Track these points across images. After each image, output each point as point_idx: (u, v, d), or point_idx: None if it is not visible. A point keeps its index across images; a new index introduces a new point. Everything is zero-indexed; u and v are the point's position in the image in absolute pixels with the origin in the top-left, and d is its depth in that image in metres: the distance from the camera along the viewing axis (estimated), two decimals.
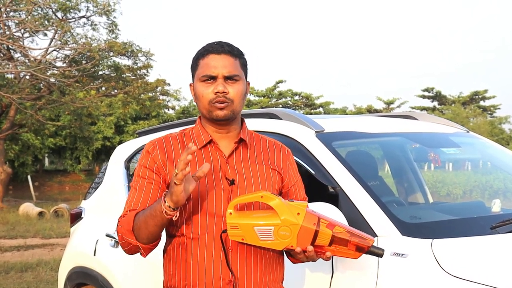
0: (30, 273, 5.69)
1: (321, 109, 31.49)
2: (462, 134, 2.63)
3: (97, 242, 2.76)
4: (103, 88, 16.17)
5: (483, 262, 1.57)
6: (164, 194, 1.38)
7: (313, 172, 1.94)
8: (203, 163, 1.48)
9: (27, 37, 13.58)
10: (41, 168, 26.02)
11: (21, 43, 13.10)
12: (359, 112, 30.79)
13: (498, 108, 32.45)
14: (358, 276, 1.69)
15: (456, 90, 48.82)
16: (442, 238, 1.67)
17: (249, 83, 1.57)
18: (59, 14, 13.58)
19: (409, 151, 2.86)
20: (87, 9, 13.77)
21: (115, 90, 16.07)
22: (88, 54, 13.12)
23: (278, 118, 2.25)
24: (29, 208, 11.58)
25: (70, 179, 24.42)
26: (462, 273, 1.50)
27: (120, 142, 20.66)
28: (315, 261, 1.43)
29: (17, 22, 12.85)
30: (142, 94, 17.20)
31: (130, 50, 14.49)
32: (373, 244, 1.38)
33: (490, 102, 32.42)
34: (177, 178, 1.29)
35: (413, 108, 32.49)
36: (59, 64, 13.66)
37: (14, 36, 13.02)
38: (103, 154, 24.24)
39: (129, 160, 2.99)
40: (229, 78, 1.47)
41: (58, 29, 12.93)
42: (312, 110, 31.04)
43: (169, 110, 26.77)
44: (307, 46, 69.56)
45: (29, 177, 18.51)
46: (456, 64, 62.93)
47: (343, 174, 1.88)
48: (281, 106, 30.16)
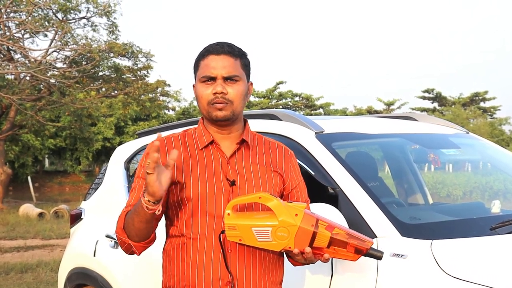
0: (30, 274, 5.69)
1: (321, 110, 31.51)
2: (462, 135, 2.64)
3: (97, 243, 2.76)
4: (103, 89, 16.18)
5: (483, 263, 1.57)
6: (143, 190, 1.37)
7: (312, 173, 1.94)
8: (204, 164, 1.49)
9: (27, 38, 13.60)
10: (41, 169, 26.02)
11: (21, 44, 13.11)
12: (359, 113, 30.81)
13: (498, 109, 32.49)
14: (357, 277, 1.69)
15: (456, 91, 48.83)
16: (442, 239, 1.67)
17: (251, 84, 1.56)
18: (60, 15, 13.60)
19: (409, 152, 2.86)
20: (88, 10, 13.80)
21: (115, 91, 16.07)
22: (88, 55, 13.12)
23: (278, 119, 2.25)
24: (29, 209, 11.58)
25: (70, 180, 24.43)
26: (461, 274, 1.50)
27: (120, 143, 20.67)
28: (314, 263, 1.43)
29: (17, 23, 12.86)
30: (142, 95, 17.21)
31: (130, 51, 14.50)
32: (372, 246, 1.37)
33: (490, 103, 32.47)
34: (148, 167, 1.28)
35: (413, 109, 32.51)
36: (59, 65, 13.67)
37: (15, 37, 13.03)
38: (103, 155, 24.25)
39: (129, 161, 2.99)
40: (228, 79, 1.46)
41: (59, 30, 12.94)
42: (312, 111, 31.05)
43: (169, 111, 26.78)
44: (307, 47, 69.64)
45: (29, 178, 18.52)
46: (456, 65, 63.04)
47: (343, 175, 1.88)
48: (281, 107, 30.18)
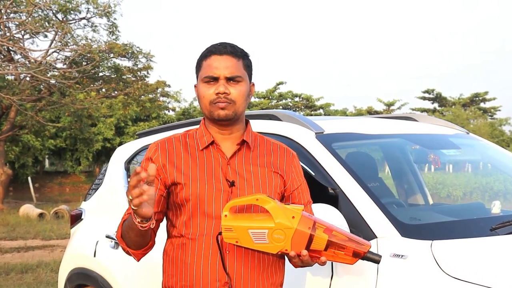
0: (30, 274, 5.69)
1: (321, 110, 31.51)
2: (462, 135, 2.64)
3: (97, 243, 2.76)
4: (104, 89, 16.18)
5: (483, 264, 1.57)
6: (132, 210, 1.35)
7: (313, 173, 1.94)
8: (204, 165, 1.49)
9: (28, 38, 13.60)
10: (41, 169, 26.02)
11: (21, 45, 13.12)
12: (359, 113, 30.81)
13: (499, 110, 32.47)
14: (357, 278, 1.69)
15: (456, 91, 48.80)
16: (442, 239, 1.67)
17: (253, 84, 1.57)
18: (60, 16, 13.61)
19: (409, 153, 2.87)
20: (88, 10, 13.80)
21: (116, 92, 16.08)
22: (88, 55, 13.13)
23: (278, 119, 2.25)
24: (29, 209, 11.58)
25: (70, 181, 24.43)
26: (461, 274, 1.50)
27: (120, 143, 20.67)
28: (311, 265, 1.42)
29: (17, 23, 12.87)
30: (143, 96, 17.20)
31: (130, 51, 14.51)
32: (369, 250, 1.37)
33: (490, 104, 32.46)
34: (133, 204, 1.27)
35: (413, 109, 32.51)
36: (60, 65, 13.67)
37: (15, 37, 13.04)
38: (103, 155, 24.25)
39: (129, 161, 2.99)
40: (231, 79, 1.47)
41: (59, 30, 12.94)
42: (312, 112, 31.06)
43: (169, 111, 26.78)
44: (307, 48, 69.64)
45: (29, 178, 18.51)
46: (456, 65, 62.95)
47: (343, 176, 1.88)
48: (281, 107, 30.18)
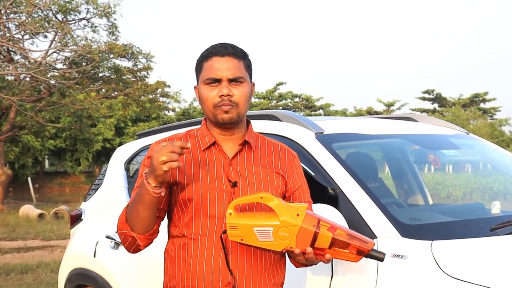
0: (30, 275, 5.69)
1: (321, 111, 31.52)
2: (462, 136, 2.64)
3: (97, 244, 2.76)
4: (103, 90, 16.19)
5: (483, 264, 1.57)
6: (145, 176, 1.36)
7: (313, 173, 1.94)
8: (206, 165, 1.49)
9: (27, 39, 13.60)
10: (41, 170, 26.01)
11: (21, 45, 13.12)
12: (359, 114, 30.81)
13: (499, 110, 32.47)
14: (357, 277, 1.69)
15: (456, 92, 48.81)
16: (442, 239, 1.67)
17: (254, 84, 1.57)
18: (59, 16, 13.61)
19: (409, 153, 2.87)
20: (87, 11, 13.81)
21: (115, 92, 16.08)
22: (88, 56, 13.12)
23: (278, 120, 2.26)
24: (29, 210, 11.57)
25: (70, 181, 24.42)
26: (461, 274, 1.50)
27: (120, 144, 20.67)
28: (316, 264, 1.43)
29: (17, 24, 12.87)
30: (142, 96, 17.20)
31: (130, 52, 14.51)
32: (373, 247, 1.37)
33: (490, 104, 32.46)
34: (164, 164, 1.28)
35: (413, 110, 32.51)
36: (59, 66, 13.68)
37: (14, 38, 13.04)
38: (103, 156, 24.24)
39: (129, 161, 2.99)
40: (233, 81, 1.46)
41: (58, 31, 12.94)
42: (312, 112, 31.06)
43: (169, 112, 26.79)
44: (307, 48, 69.64)
45: (29, 179, 18.51)
46: (456, 65, 62.93)
47: (343, 176, 1.88)
48: (281, 108, 30.19)
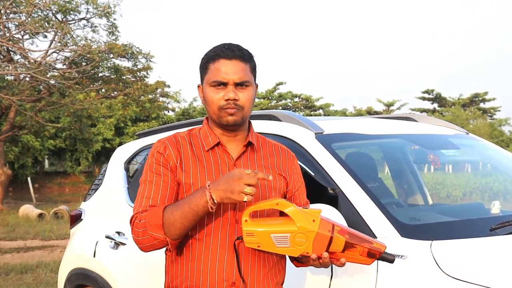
0: (30, 274, 5.69)
1: (321, 111, 31.52)
2: (462, 136, 2.64)
3: (96, 244, 2.76)
4: (103, 90, 16.19)
5: (482, 264, 1.58)
6: (208, 189, 1.34)
7: (312, 173, 1.94)
8: (211, 165, 1.49)
9: (27, 39, 13.60)
10: (41, 170, 26.00)
11: (21, 45, 13.12)
12: (359, 114, 30.81)
13: (498, 110, 32.48)
14: (357, 278, 1.69)
15: (456, 92, 48.76)
16: (442, 239, 1.67)
17: (257, 86, 1.57)
18: (59, 16, 13.61)
19: (408, 153, 2.87)
20: (87, 11, 13.80)
21: (115, 92, 16.08)
22: (88, 56, 13.12)
23: (278, 120, 2.26)
24: (29, 209, 11.57)
25: (70, 181, 24.41)
26: (461, 274, 1.51)
27: (120, 143, 20.66)
28: (328, 267, 1.44)
29: (17, 24, 12.87)
30: (142, 96, 17.21)
31: (130, 52, 14.51)
32: (385, 250, 1.40)
33: (490, 104, 32.46)
34: (248, 193, 1.28)
35: (413, 110, 32.51)
36: (59, 66, 13.68)
37: (14, 38, 13.04)
38: (103, 156, 24.24)
39: (129, 161, 2.99)
40: (239, 85, 1.46)
41: (58, 31, 12.94)
42: (312, 112, 31.06)
43: (169, 112, 26.78)
44: (307, 48, 69.62)
45: (29, 179, 18.49)
46: (456, 65, 62.92)
47: (343, 176, 1.88)
48: (281, 108, 30.18)
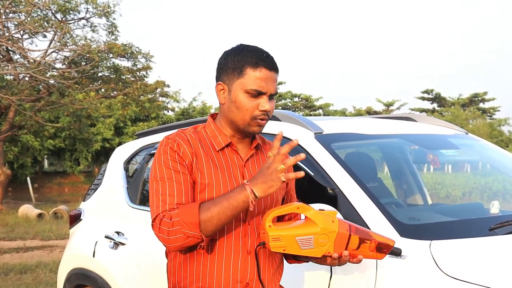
0: (29, 274, 5.68)
1: (320, 110, 31.53)
2: (461, 136, 2.64)
3: (96, 244, 2.76)
4: (103, 89, 16.18)
5: (482, 264, 1.58)
6: (247, 185, 1.34)
7: (312, 173, 1.94)
8: (223, 166, 1.48)
9: (27, 38, 13.58)
10: (40, 169, 25.99)
11: (20, 45, 13.10)
12: (359, 113, 30.82)
13: (498, 110, 32.51)
14: (356, 277, 1.70)
15: (455, 92, 48.81)
16: (441, 239, 1.67)
17: None
18: (59, 16, 13.60)
19: (408, 153, 2.87)
20: (87, 10, 13.79)
21: (115, 92, 16.08)
22: (87, 55, 13.11)
23: (277, 119, 2.26)
24: (28, 209, 11.56)
25: (69, 181, 24.40)
26: (460, 274, 1.51)
27: (119, 143, 20.65)
28: (344, 265, 1.46)
29: (16, 23, 12.86)
30: (142, 96, 17.19)
31: (129, 51, 14.50)
32: (394, 245, 1.45)
33: (489, 104, 32.49)
34: (282, 174, 1.30)
35: (412, 110, 32.53)
36: (59, 65, 13.67)
37: (14, 37, 13.02)
38: (103, 155, 24.22)
39: (128, 161, 2.99)
40: (271, 96, 1.48)
41: (58, 30, 12.93)
42: (311, 112, 31.07)
43: (168, 111, 26.76)
44: (307, 48, 69.62)
45: (28, 178, 18.48)
46: (456, 65, 62.94)
47: (342, 176, 1.88)
48: (280, 107, 30.19)
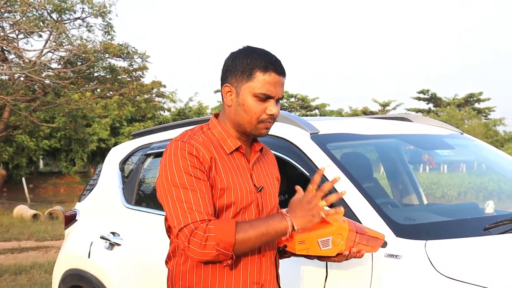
0: (24, 275, 5.66)
1: (316, 111, 31.56)
2: (456, 136, 2.65)
3: (91, 244, 2.75)
4: (99, 89, 16.12)
5: (477, 263, 1.58)
6: (285, 215, 1.38)
7: (307, 173, 1.94)
8: (235, 169, 1.48)
9: (22, 38, 13.52)
10: (35, 170, 25.88)
11: (15, 45, 13.05)
12: (355, 114, 30.88)
13: (493, 110, 32.62)
14: (352, 277, 1.70)
15: (451, 91, 48.99)
16: (436, 239, 1.68)
17: None
18: (54, 16, 13.54)
19: (403, 153, 2.87)
20: (83, 10, 13.74)
21: (111, 92, 16.03)
22: (83, 55, 13.07)
23: None
24: (23, 210, 11.51)
25: (65, 181, 24.30)
26: (455, 274, 1.51)
27: (115, 144, 20.59)
28: (348, 260, 1.51)
29: (11, 23, 12.80)
30: (138, 96, 17.16)
31: (125, 51, 14.46)
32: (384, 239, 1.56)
33: (485, 104, 32.61)
34: (324, 215, 1.37)
35: (408, 110, 32.61)
36: (54, 65, 13.61)
37: (9, 37, 12.97)
38: (98, 156, 24.14)
39: (124, 161, 2.98)
40: (278, 100, 1.49)
41: (53, 30, 12.88)
42: (307, 112, 31.10)
43: (164, 112, 26.72)
44: (303, 48, 69.70)
45: (23, 179, 18.40)
46: (452, 65, 63.09)
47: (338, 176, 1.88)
48: None
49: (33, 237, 8.55)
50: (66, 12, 13.54)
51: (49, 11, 13.36)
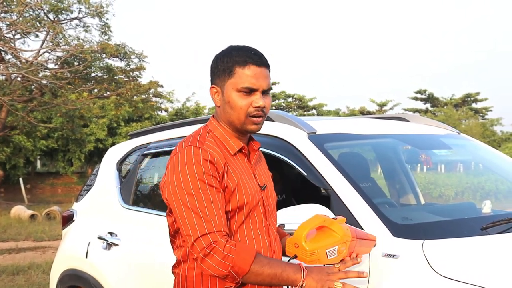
0: (21, 276, 5.64)
1: (314, 111, 31.59)
2: (454, 136, 2.65)
3: (89, 245, 2.74)
4: (96, 90, 16.09)
5: (474, 263, 1.59)
6: (303, 269, 1.39)
7: (305, 173, 1.94)
8: (242, 170, 1.48)
9: (19, 38, 13.48)
10: (33, 170, 25.81)
11: (12, 45, 13.01)
12: (352, 114, 30.91)
13: (490, 110, 32.72)
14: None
15: (448, 91, 49.11)
16: (433, 239, 1.68)
17: None
18: (51, 16, 13.51)
19: (401, 153, 2.88)
20: (79, 10, 13.72)
21: (108, 92, 16.00)
22: (80, 56, 13.04)
23: (271, 120, 2.26)
24: (20, 210, 11.48)
25: (62, 182, 24.26)
26: (453, 274, 1.51)
27: (112, 144, 20.55)
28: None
29: (8, 23, 12.77)
30: (135, 96, 17.12)
31: (122, 52, 14.44)
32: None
33: (482, 104, 32.69)
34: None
35: (405, 110, 32.67)
36: (51, 65, 13.59)
37: (5, 37, 12.93)
38: (96, 156, 24.10)
39: (121, 162, 2.98)
40: (264, 92, 1.47)
41: (50, 30, 12.86)
42: (305, 112, 31.13)
43: (162, 112, 26.69)
44: (300, 48, 69.72)
45: (20, 179, 18.36)
46: (448, 65, 63.19)
47: (335, 176, 1.89)
48: (274, 108, 30.22)
49: (30, 237, 8.53)
50: (63, 12, 13.52)
51: (45, 11, 13.33)
